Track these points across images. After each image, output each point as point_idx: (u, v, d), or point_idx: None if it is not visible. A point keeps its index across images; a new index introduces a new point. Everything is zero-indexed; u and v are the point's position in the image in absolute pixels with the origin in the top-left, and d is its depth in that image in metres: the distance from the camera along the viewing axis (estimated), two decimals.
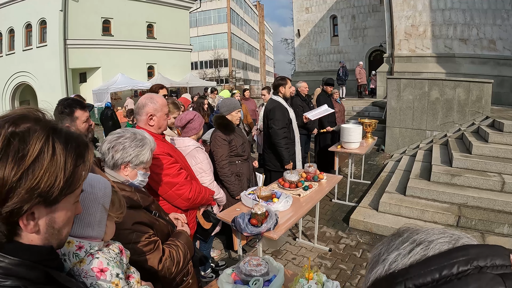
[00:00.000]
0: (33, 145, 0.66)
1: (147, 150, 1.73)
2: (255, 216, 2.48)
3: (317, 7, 21.91)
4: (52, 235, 0.75)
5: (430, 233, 0.50)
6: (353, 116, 11.96)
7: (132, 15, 20.84)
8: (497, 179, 4.87)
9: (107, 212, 1.21)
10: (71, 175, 0.72)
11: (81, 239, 1.08)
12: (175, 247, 1.71)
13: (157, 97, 2.37)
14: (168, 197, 2.43)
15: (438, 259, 0.44)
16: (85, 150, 0.77)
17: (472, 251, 0.43)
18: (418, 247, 0.47)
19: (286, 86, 4.61)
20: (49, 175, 0.67)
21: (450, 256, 0.44)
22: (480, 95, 7.82)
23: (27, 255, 0.69)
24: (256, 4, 58.40)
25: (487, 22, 12.16)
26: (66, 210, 0.76)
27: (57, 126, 0.74)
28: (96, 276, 1.04)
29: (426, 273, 0.43)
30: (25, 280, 0.67)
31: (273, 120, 4.43)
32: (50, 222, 0.73)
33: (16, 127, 0.67)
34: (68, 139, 0.73)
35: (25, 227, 0.68)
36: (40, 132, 0.68)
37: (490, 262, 0.42)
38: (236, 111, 3.61)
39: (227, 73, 42.90)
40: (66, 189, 0.72)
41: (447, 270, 0.42)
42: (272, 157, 4.62)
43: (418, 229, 0.52)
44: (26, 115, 0.70)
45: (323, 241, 4.38)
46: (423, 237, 0.49)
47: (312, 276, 1.74)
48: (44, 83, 18.30)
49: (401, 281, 0.44)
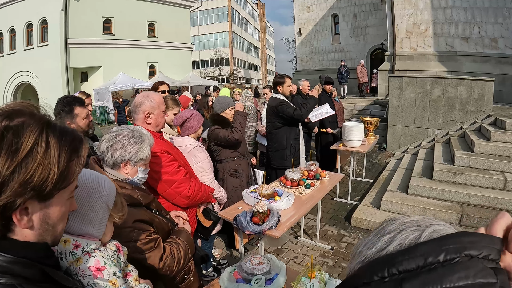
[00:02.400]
0: (26, 138, 0.66)
1: (146, 146, 1.71)
2: (257, 214, 2.47)
3: (318, 6, 21.88)
4: (46, 231, 0.74)
5: (401, 223, 0.49)
6: (354, 114, 11.92)
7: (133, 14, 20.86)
8: (500, 178, 4.85)
9: (109, 213, 1.20)
10: (65, 169, 0.72)
11: (78, 238, 1.07)
12: (175, 245, 1.70)
13: (154, 95, 2.34)
14: (168, 195, 2.41)
15: (426, 245, 0.42)
16: (79, 145, 0.77)
17: (464, 239, 0.40)
18: (385, 237, 0.47)
19: (284, 84, 4.61)
20: (43, 169, 0.67)
21: (439, 243, 0.41)
22: (482, 93, 7.79)
23: (22, 253, 0.68)
24: (257, 3, 58.32)
25: (489, 20, 12.13)
26: (60, 206, 0.75)
27: (52, 121, 0.73)
28: (93, 275, 1.03)
29: (411, 259, 0.41)
30: (21, 278, 0.66)
31: (285, 111, 4.41)
32: (44, 217, 0.73)
33: (10, 121, 0.66)
34: (62, 134, 0.73)
35: (18, 222, 0.68)
36: (34, 126, 0.68)
37: (484, 253, 0.39)
38: (230, 108, 3.62)
39: (228, 72, 42.91)
40: (60, 183, 0.71)
41: (433, 257, 0.39)
42: (277, 155, 4.62)
43: (394, 219, 0.51)
44: (21, 109, 0.70)
45: (325, 240, 4.37)
46: (393, 227, 0.48)
47: (314, 274, 1.73)
48: (45, 83, 18.33)
49: (384, 267, 0.42)
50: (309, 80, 6.85)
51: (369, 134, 6.22)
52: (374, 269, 0.43)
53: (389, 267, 0.42)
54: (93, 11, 18.96)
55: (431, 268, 0.39)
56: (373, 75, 16.39)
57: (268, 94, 6.28)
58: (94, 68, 19.86)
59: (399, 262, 0.41)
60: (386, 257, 0.44)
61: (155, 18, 22.43)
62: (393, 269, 0.41)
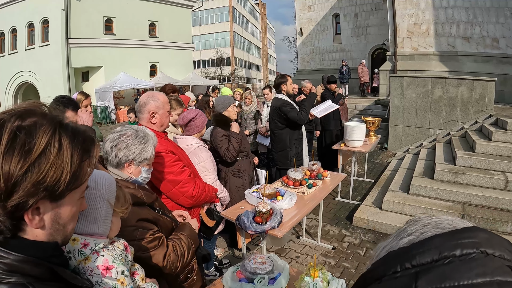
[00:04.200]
0: (39, 138, 0.66)
1: (150, 146, 1.72)
2: (260, 214, 2.48)
3: (320, 6, 21.86)
4: (57, 230, 0.75)
5: (425, 223, 0.46)
6: (356, 114, 11.93)
7: (134, 14, 20.87)
8: (501, 178, 4.85)
9: (113, 208, 1.21)
10: (77, 169, 0.72)
11: (86, 237, 1.08)
12: (177, 240, 1.70)
13: (159, 95, 2.36)
14: (172, 195, 2.42)
15: (441, 238, 0.40)
16: (91, 145, 0.77)
17: (480, 235, 0.39)
18: (405, 239, 0.45)
19: (287, 83, 4.61)
20: (55, 169, 0.67)
21: (454, 236, 0.40)
22: (483, 93, 7.79)
23: (32, 251, 0.69)
24: (259, 3, 58.31)
25: (490, 20, 12.11)
26: (71, 206, 0.76)
27: (64, 121, 0.73)
28: (102, 274, 1.04)
29: (425, 252, 0.39)
30: (30, 277, 0.67)
31: (288, 113, 4.42)
32: (55, 217, 0.73)
33: (23, 121, 0.66)
34: (74, 134, 0.73)
35: (30, 222, 0.68)
36: (47, 126, 0.68)
37: (498, 252, 0.38)
38: (232, 106, 3.63)
39: (229, 72, 42.91)
40: (72, 183, 0.71)
41: (448, 251, 0.38)
42: (281, 155, 4.64)
43: (417, 220, 0.49)
44: (33, 109, 0.70)
45: (327, 239, 4.38)
46: (415, 228, 0.46)
47: (317, 274, 1.74)
48: (46, 82, 18.35)
49: (399, 260, 0.41)
50: (311, 80, 6.85)
51: (371, 134, 6.23)
52: (387, 265, 0.42)
53: (402, 261, 0.40)
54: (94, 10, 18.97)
55: (446, 262, 0.38)
56: (374, 75, 16.37)
57: (268, 94, 6.28)
58: (96, 67, 19.87)
59: (413, 255, 0.40)
60: (399, 251, 0.43)
61: (157, 17, 22.44)
62: (406, 263, 0.40)
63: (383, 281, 0.41)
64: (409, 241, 0.44)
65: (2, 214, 0.64)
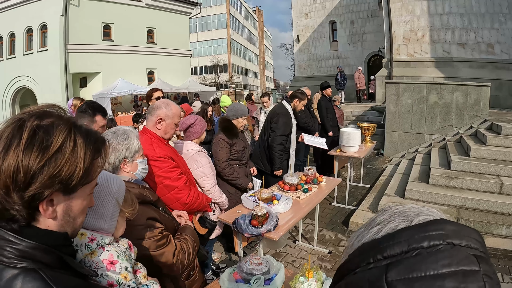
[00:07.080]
0: (56, 137, 0.73)
1: (133, 139, 1.78)
2: (256, 217, 2.52)
3: (316, 13, 22.07)
4: (67, 222, 0.81)
5: (391, 213, 0.49)
6: (352, 120, 12.00)
7: (132, 20, 20.92)
8: (495, 181, 4.91)
9: (120, 208, 1.27)
10: (89, 166, 0.79)
11: (93, 232, 1.14)
12: (184, 240, 1.76)
13: (173, 105, 2.44)
14: (166, 200, 2.44)
15: (410, 231, 0.42)
16: (102, 145, 0.85)
17: (448, 227, 0.41)
18: (374, 228, 0.48)
19: (301, 101, 4.77)
20: (70, 164, 0.74)
21: (422, 228, 0.42)
22: (478, 98, 7.88)
23: (44, 239, 0.75)
24: (256, 10, 58.71)
25: (485, 26, 12.29)
26: (82, 200, 0.83)
27: (78, 123, 0.81)
28: (106, 268, 1.09)
29: (395, 244, 0.41)
30: (40, 263, 0.72)
31: (277, 125, 4.52)
32: (67, 209, 0.80)
33: (41, 121, 0.74)
34: (87, 134, 0.81)
35: (44, 212, 0.74)
36: (63, 126, 0.76)
37: (465, 242, 0.39)
38: (243, 118, 3.71)
39: (227, 79, 43.04)
40: (84, 179, 0.79)
41: (417, 243, 0.40)
42: (262, 155, 4.76)
43: (386, 209, 0.51)
44: (50, 111, 0.78)
45: (323, 244, 4.41)
46: (383, 218, 0.49)
47: (312, 274, 1.77)
48: (44, 88, 18.32)
49: (372, 252, 0.43)
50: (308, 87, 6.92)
51: (366, 139, 6.29)
52: (361, 256, 0.44)
53: (374, 253, 0.42)
54: (92, 16, 19.00)
55: (414, 254, 0.39)
56: (370, 82, 16.49)
57: (267, 102, 6.33)
58: (93, 73, 19.86)
59: (385, 247, 0.42)
60: (372, 243, 0.46)
61: (154, 24, 22.50)
62: (378, 255, 0.42)
63: (357, 273, 0.44)
64: (378, 230, 0.47)
65: (19, 203, 0.71)
